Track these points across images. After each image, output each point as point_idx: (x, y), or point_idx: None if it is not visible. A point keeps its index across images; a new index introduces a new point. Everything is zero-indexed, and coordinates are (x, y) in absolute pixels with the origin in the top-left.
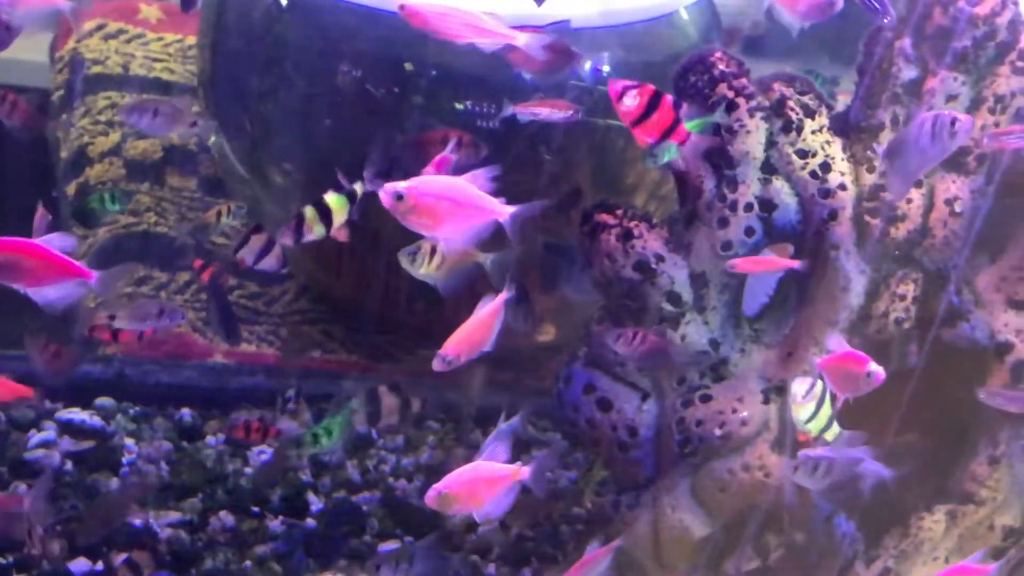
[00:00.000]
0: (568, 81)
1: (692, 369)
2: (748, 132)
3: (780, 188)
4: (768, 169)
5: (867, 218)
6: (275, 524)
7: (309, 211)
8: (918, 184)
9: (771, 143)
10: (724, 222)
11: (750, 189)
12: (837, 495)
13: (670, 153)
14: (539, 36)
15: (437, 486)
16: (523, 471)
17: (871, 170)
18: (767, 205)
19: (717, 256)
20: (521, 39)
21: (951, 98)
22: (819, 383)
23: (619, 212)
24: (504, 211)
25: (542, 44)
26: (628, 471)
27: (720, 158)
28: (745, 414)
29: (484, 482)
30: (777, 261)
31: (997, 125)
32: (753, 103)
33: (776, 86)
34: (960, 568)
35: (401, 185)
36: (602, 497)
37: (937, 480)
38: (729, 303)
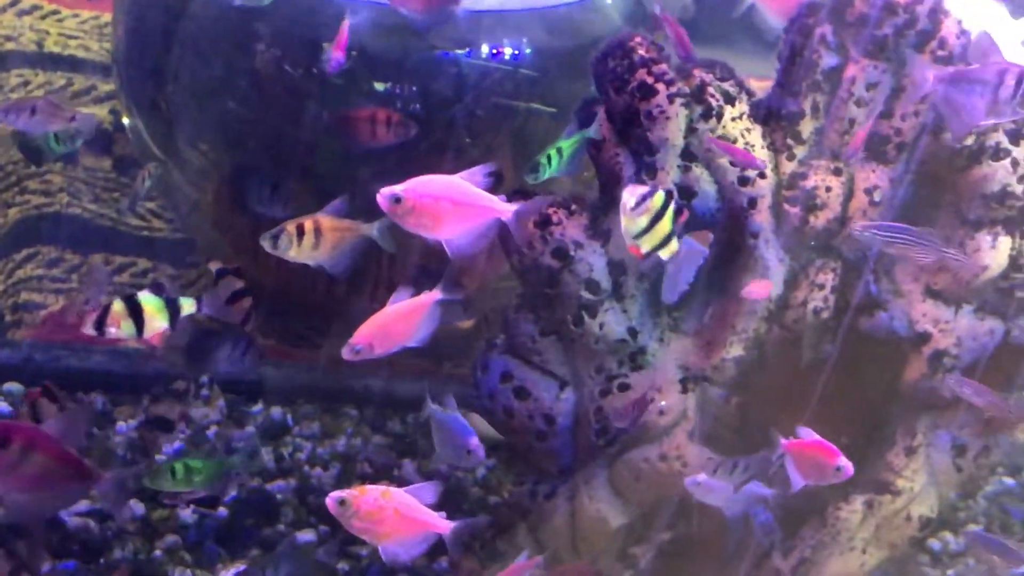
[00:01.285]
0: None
1: (611, 358)
2: (668, 119)
3: (699, 175)
4: (688, 156)
5: (786, 206)
6: (186, 513)
7: (118, 305)
8: (837, 172)
9: (691, 130)
10: None
11: (669, 176)
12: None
13: (551, 169)
14: None
15: (341, 493)
16: (444, 525)
17: (791, 158)
18: (686, 192)
19: None
20: None
21: (871, 86)
22: (659, 194)
23: (537, 198)
24: (507, 209)
25: None
26: (545, 460)
27: (640, 144)
28: (663, 404)
29: (398, 517)
30: None
31: (917, 115)
32: (673, 89)
33: (696, 72)
34: None
35: (398, 187)
36: (519, 487)
37: (856, 469)
38: (648, 291)
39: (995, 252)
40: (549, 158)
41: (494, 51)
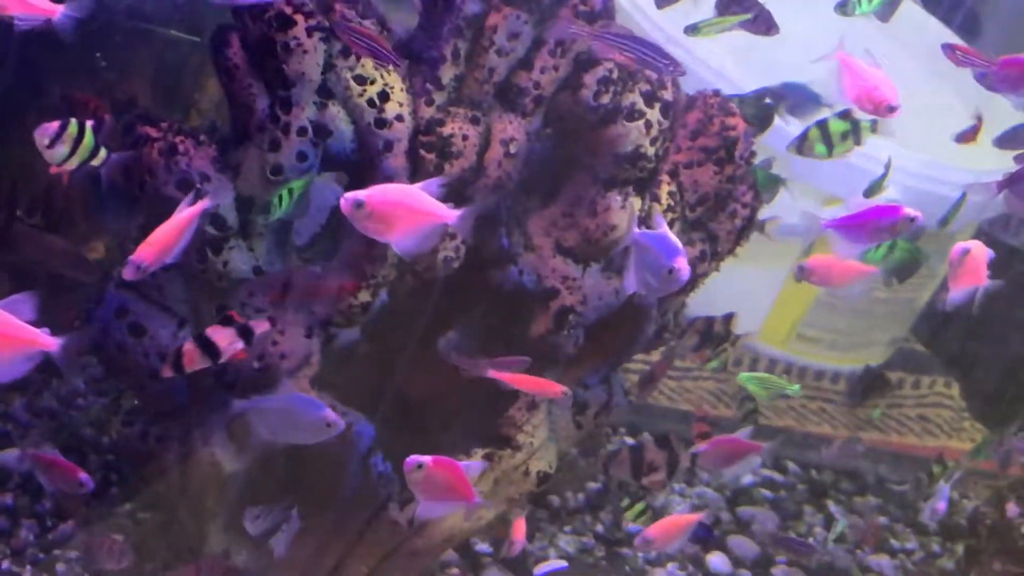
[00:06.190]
0: None
1: (233, 298)
2: (305, 52)
3: (336, 114)
4: (324, 93)
5: (423, 152)
6: None
7: None
8: (475, 121)
9: (329, 66)
10: (275, 145)
11: (304, 112)
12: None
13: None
14: None
15: None
16: (49, 342)
17: (430, 103)
18: (321, 130)
19: (267, 180)
20: None
21: (513, 36)
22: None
23: (164, 125)
24: (451, 214)
25: None
26: (159, 400)
27: (275, 77)
28: (286, 347)
29: None
30: None
31: (556, 68)
32: (312, 22)
33: (337, 7)
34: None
35: (361, 193)
36: (130, 427)
37: (477, 423)
38: (277, 230)
39: (624, 212)
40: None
41: None
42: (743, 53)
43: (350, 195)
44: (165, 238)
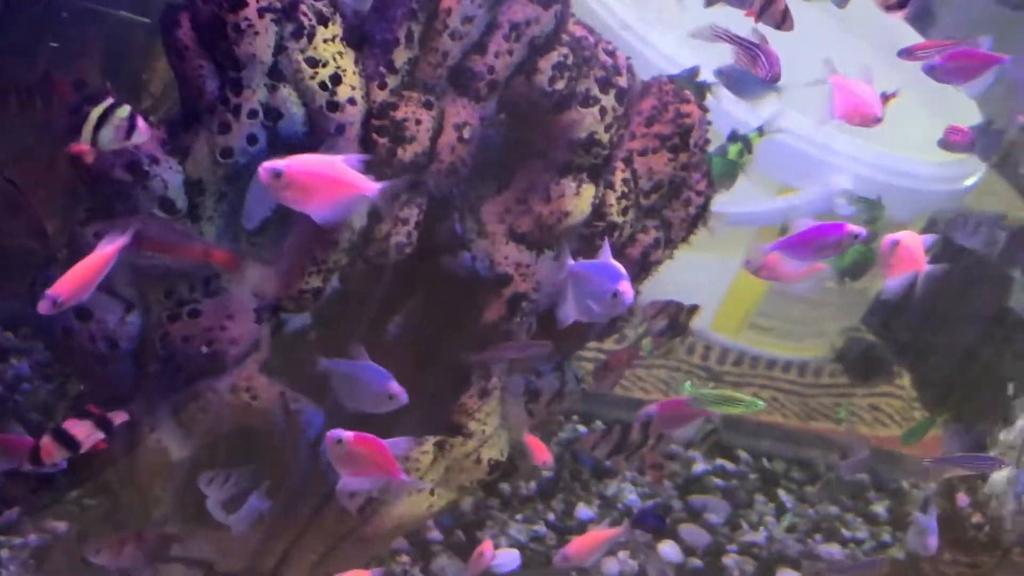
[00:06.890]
0: None
1: (182, 282)
2: (256, 33)
3: (287, 96)
4: (276, 75)
5: (375, 136)
6: None
7: None
8: (428, 105)
9: (281, 48)
10: (225, 127)
11: (255, 95)
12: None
13: None
14: None
15: None
16: None
17: (383, 86)
18: (272, 113)
19: (216, 163)
20: None
21: (467, 20)
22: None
23: None
24: (372, 187)
25: None
26: (106, 385)
27: (225, 58)
28: (236, 333)
29: None
30: None
31: (511, 53)
32: (263, 3)
33: None
34: None
35: (280, 162)
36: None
37: (429, 410)
38: (227, 214)
39: (578, 199)
40: None
41: None
42: (700, 41)
43: (268, 164)
44: (85, 273)
